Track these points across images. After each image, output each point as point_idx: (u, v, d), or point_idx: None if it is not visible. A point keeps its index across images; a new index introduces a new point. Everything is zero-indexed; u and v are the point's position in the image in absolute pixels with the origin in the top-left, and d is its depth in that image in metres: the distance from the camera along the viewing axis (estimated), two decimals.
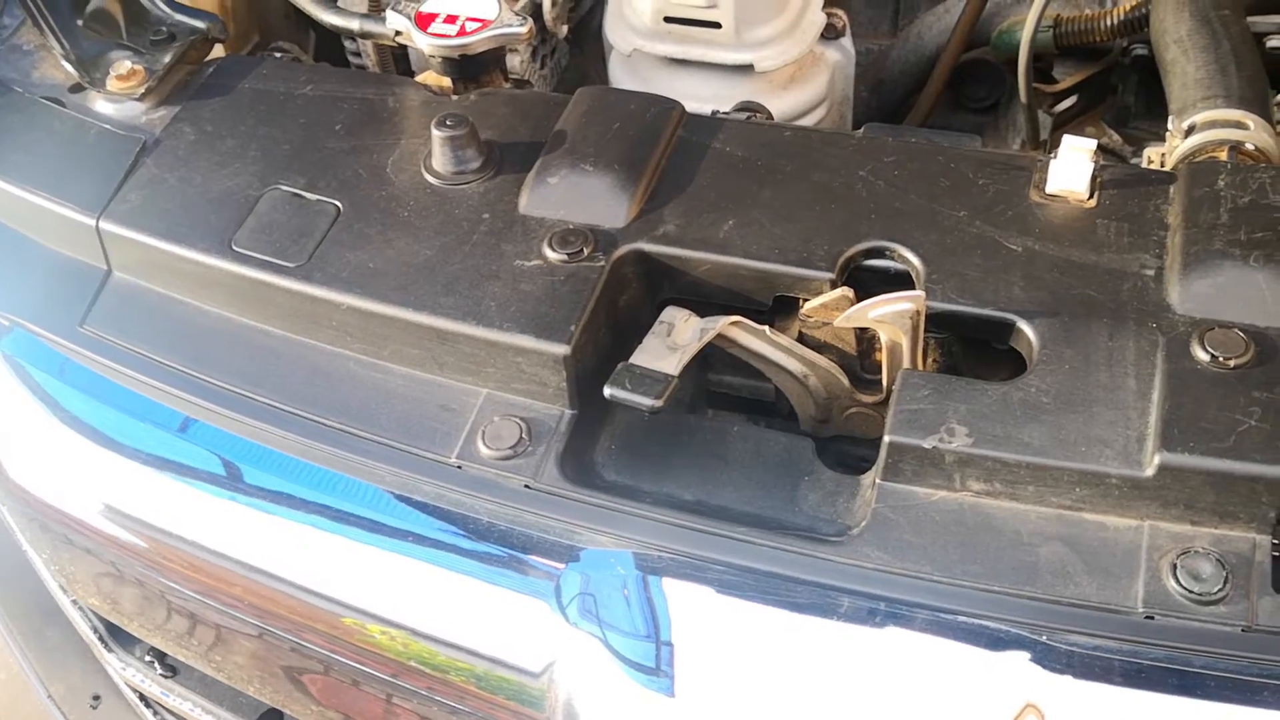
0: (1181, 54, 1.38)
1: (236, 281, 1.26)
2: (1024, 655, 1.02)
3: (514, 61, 1.79)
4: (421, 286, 1.19)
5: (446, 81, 1.40)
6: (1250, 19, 1.54)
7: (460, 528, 1.18)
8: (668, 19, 1.66)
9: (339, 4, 1.83)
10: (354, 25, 1.50)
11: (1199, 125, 1.29)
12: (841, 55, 1.76)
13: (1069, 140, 1.20)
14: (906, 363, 1.14)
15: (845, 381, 1.21)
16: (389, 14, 1.39)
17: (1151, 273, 1.14)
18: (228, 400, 1.24)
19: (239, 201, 1.30)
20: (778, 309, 1.23)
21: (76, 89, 1.43)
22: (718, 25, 1.64)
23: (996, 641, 1.02)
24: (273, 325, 1.27)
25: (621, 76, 1.78)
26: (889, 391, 1.13)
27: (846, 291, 1.16)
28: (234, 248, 1.26)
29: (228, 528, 1.29)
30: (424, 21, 1.36)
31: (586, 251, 1.20)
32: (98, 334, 1.32)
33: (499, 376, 1.17)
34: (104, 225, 1.31)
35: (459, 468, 1.15)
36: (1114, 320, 1.11)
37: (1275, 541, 1.04)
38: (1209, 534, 1.03)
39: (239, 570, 1.30)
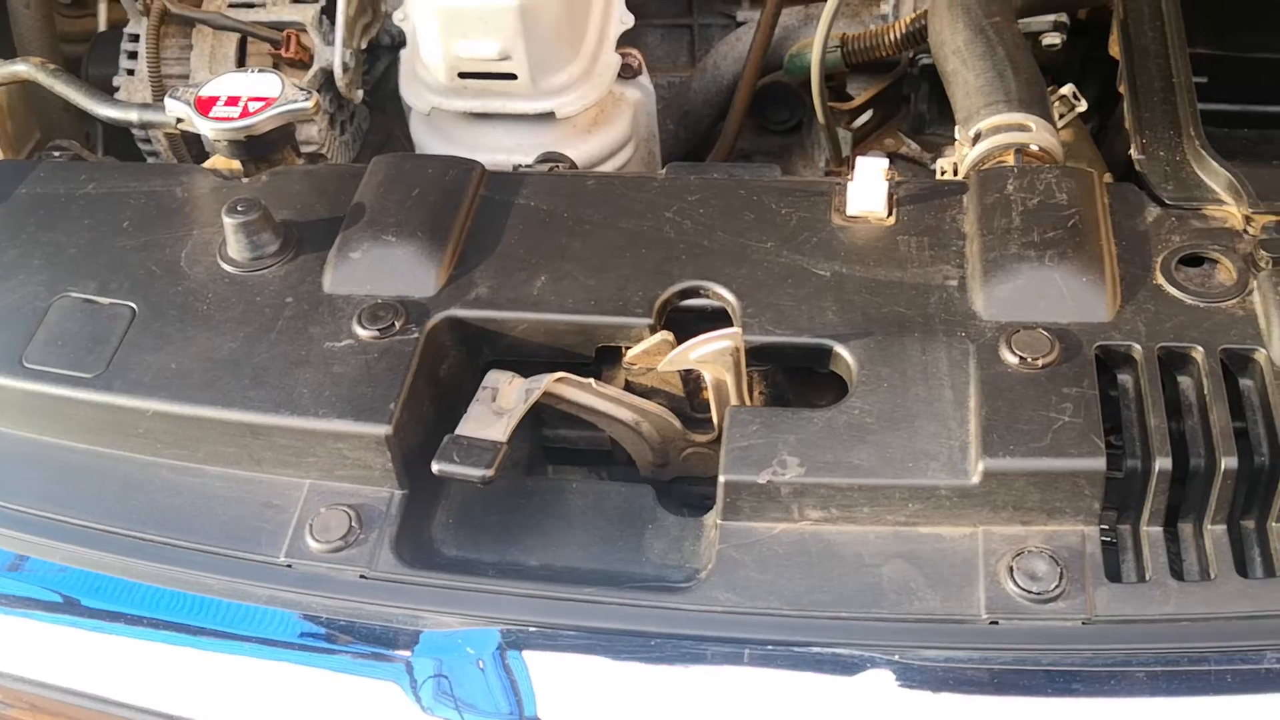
0: (961, 64, 1.42)
1: (31, 399, 1.19)
2: (879, 676, 1.02)
3: (312, 131, 1.75)
4: (228, 381, 1.14)
5: (236, 164, 1.36)
6: (1023, 20, 1.60)
7: (304, 628, 1.13)
8: (462, 74, 1.65)
9: (119, 94, 1.77)
10: (133, 116, 1.44)
11: (984, 132, 1.33)
12: (641, 93, 1.78)
13: (862, 162, 1.22)
14: (733, 399, 1.14)
15: (677, 424, 1.21)
16: (168, 101, 1.34)
17: (955, 283, 1.17)
18: (35, 527, 1.17)
19: (26, 314, 1.23)
20: (602, 359, 1.22)
21: None
22: (513, 76, 1.63)
23: (851, 667, 1.03)
24: (76, 441, 1.20)
25: (424, 136, 1.76)
26: (721, 429, 1.13)
27: (666, 335, 1.15)
28: (25, 364, 1.19)
29: (63, 659, 1.22)
30: (205, 106, 1.31)
31: (398, 325, 1.17)
32: None
33: (321, 465, 1.13)
34: None
35: (289, 567, 1.10)
36: (925, 334, 1.13)
37: (1104, 527, 1.07)
38: (1040, 532, 1.05)
39: (82, 704, 1.22)
